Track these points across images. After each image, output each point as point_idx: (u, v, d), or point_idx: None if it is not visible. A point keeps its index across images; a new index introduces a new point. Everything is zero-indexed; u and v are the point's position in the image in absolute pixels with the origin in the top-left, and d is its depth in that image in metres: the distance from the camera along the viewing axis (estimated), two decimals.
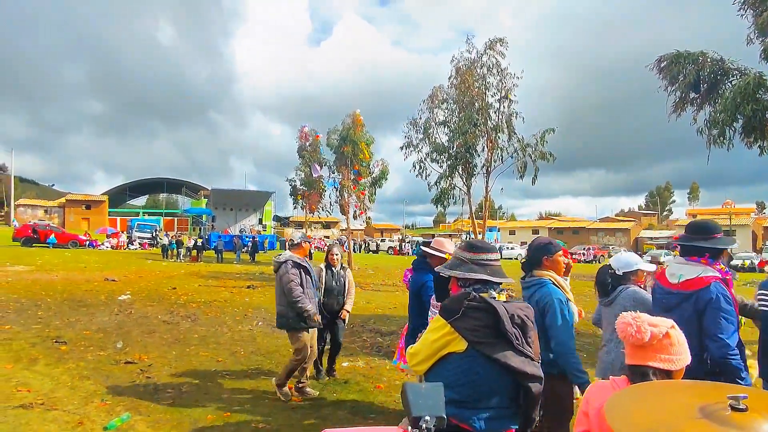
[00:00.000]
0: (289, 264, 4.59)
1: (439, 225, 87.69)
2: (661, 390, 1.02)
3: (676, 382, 1.17)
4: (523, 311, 1.87)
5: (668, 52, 8.83)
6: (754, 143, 8.44)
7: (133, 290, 11.73)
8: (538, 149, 14.03)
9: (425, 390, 1.24)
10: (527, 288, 2.87)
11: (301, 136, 25.20)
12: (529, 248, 2.99)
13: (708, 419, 0.86)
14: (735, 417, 0.85)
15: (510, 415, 1.85)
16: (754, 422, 0.83)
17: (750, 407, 0.86)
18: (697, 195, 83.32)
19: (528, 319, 1.86)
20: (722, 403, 0.88)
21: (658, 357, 1.43)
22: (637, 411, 0.94)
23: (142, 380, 4.99)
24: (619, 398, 1.02)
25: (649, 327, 1.42)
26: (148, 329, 7.49)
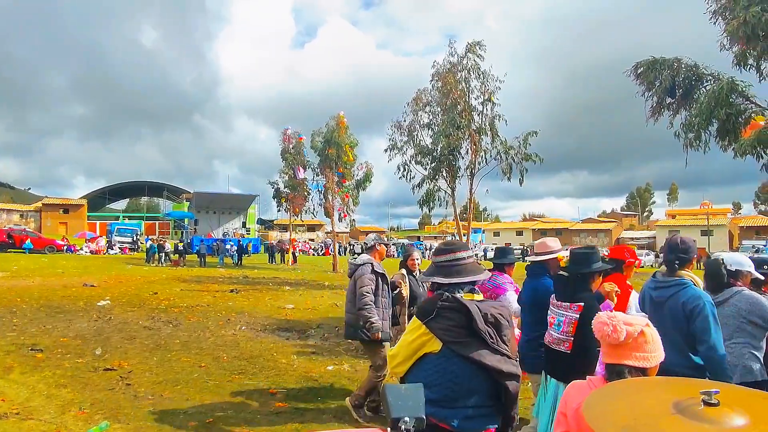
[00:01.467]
0: (367, 267, 4.18)
1: (425, 227, 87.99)
2: (636, 387, 1.04)
3: (651, 379, 1.20)
4: (497, 310, 1.88)
5: (645, 59, 9.04)
6: (729, 146, 8.68)
7: (112, 296, 11.48)
8: (521, 151, 14.22)
9: (405, 391, 1.24)
10: (663, 288, 2.77)
11: (285, 139, 25.07)
12: (670, 248, 2.83)
13: (682, 414, 0.88)
14: (707, 412, 0.87)
15: (489, 414, 1.85)
16: (725, 416, 0.85)
17: (722, 402, 0.88)
18: (676, 196, 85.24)
19: (503, 318, 1.87)
20: (695, 399, 0.90)
21: (633, 355, 1.46)
22: (614, 409, 0.96)
23: (121, 387, 4.89)
24: (596, 397, 1.03)
25: (625, 326, 1.45)
26: (128, 335, 7.33)
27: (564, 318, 2.82)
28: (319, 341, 7.43)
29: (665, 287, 2.74)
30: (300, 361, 6.17)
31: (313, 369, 5.78)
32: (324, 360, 6.23)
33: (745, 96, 8.32)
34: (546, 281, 3.37)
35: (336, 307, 10.92)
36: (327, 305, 11.26)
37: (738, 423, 0.84)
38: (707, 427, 0.83)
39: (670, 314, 2.67)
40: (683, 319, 2.56)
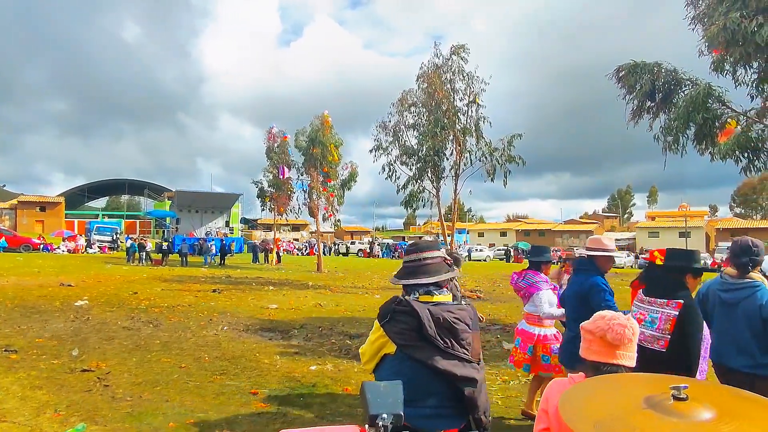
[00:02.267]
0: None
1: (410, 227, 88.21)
2: (610, 384, 1.07)
3: (625, 376, 1.23)
4: (453, 314, 1.85)
5: (626, 62, 9.20)
6: (705, 150, 8.89)
7: (91, 295, 11.25)
8: (505, 153, 14.37)
9: (384, 388, 1.25)
10: (736, 290, 2.80)
11: (269, 137, 24.86)
12: (742, 250, 2.85)
13: (653, 409, 0.90)
14: (677, 406, 0.89)
15: (449, 415, 1.83)
16: (693, 410, 0.88)
17: (690, 396, 0.90)
18: (655, 198, 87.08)
19: (459, 322, 1.84)
20: (665, 394, 0.92)
21: (627, 356, 1.50)
22: (588, 404, 0.98)
23: (99, 389, 4.79)
24: (571, 393, 1.05)
25: (634, 327, 1.49)
26: (106, 336, 7.19)
27: (660, 315, 2.78)
28: (303, 341, 7.39)
29: (738, 289, 2.79)
30: (283, 361, 6.13)
31: (296, 369, 5.75)
32: (307, 360, 6.20)
33: (721, 101, 8.52)
34: (595, 278, 3.29)
35: (320, 308, 10.88)
36: (311, 305, 11.21)
37: (705, 416, 0.87)
38: (676, 421, 0.86)
39: (745, 316, 2.74)
40: (759, 321, 2.64)
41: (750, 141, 8.24)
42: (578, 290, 3.36)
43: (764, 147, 8.30)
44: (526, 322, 4.36)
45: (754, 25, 7.05)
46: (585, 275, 3.37)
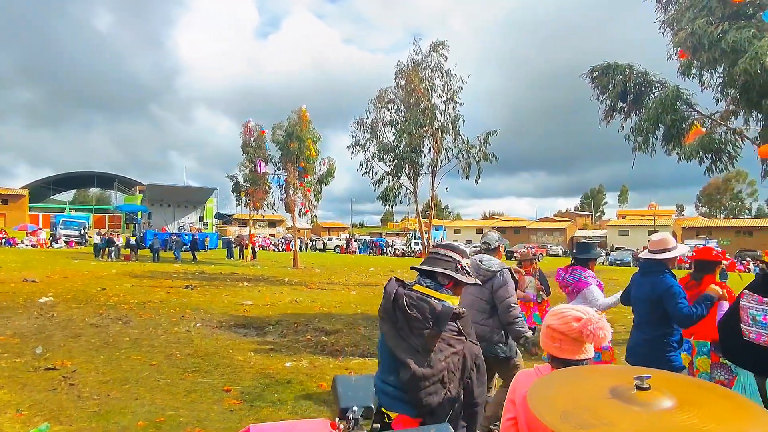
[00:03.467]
0: (507, 274, 3.70)
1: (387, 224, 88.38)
2: (576, 375, 1.09)
3: (591, 367, 1.26)
4: (414, 302, 1.90)
5: (600, 63, 9.41)
6: (673, 150, 9.19)
7: (56, 292, 10.87)
8: (481, 150, 14.54)
9: (355, 382, 1.25)
10: None
11: (246, 131, 24.51)
12: None
13: (617, 399, 0.93)
14: (640, 395, 0.92)
15: (405, 400, 1.84)
16: (655, 399, 0.91)
17: (653, 386, 0.93)
18: (626, 197, 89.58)
19: (415, 310, 1.88)
20: (629, 384, 0.95)
21: (590, 348, 1.53)
22: (556, 395, 1.00)
23: (64, 387, 4.63)
24: (539, 384, 1.07)
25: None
26: (72, 333, 6.96)
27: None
28: (278, 338, 7.32)
29: None
30: (257, 358, 6.06)
31: (270, 366, 5.70)
32: (282, 357, 6.15)
33: (688, 103, 8.82)
34: (669, 278, 3.19)
35: (296, 304, 10.80)
36: (286, 301, 11.11)
37: (666, 405, 0.90)
38: (638, 409, 0.88)
39: None
40: None
41: (713, 143, 8.56)
42: (650, 294, 3.24)
43: (726, 149, 8.64)
44: None
45: (719, 31, 7.31)
46: (656, 277, 3.24)
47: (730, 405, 0.92)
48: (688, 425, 0.85)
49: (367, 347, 6.80)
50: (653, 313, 3.20)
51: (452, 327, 1.92)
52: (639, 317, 3.37)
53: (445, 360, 1.87)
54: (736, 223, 55.16)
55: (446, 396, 1.85)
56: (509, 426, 1.59)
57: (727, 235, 48.92)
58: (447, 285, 2.01)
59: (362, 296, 12.59)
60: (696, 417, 0.87)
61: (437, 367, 1.85)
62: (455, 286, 2.04)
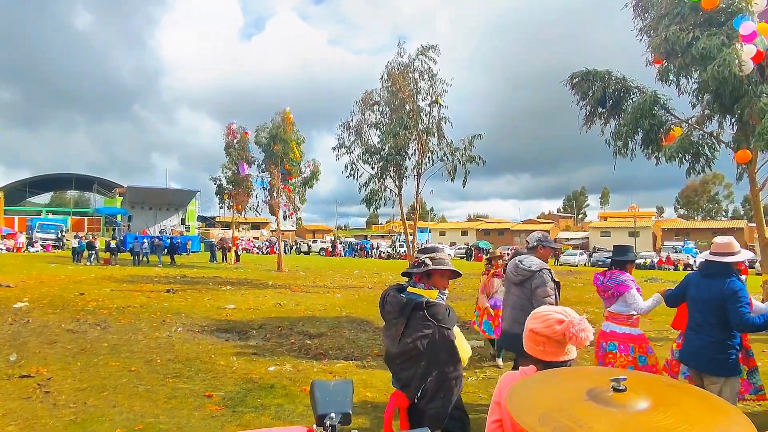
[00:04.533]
0: (547, 275, 3.66)
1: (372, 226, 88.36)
2: (555, 377, 1.10)
3: (569, 370, 1.27)
4: (390, 298, 2.45)
5: (580, 70, 9.57)
6: (652, 154, 9.39)
7: (32, 297, 10.58)
8: (466, 153, 14.64)
9: (333, 387, 1.23)
10: None
11: (229, 133, 24.26)
12: None
13: (593, 401, 0.94)
14: (616, 397, 0.93)
15: (400, 379, 2.41)
16: (631, 400, 0.92)
17: (629, 388, 0.94)
18: (607, 199, 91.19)
19: (388, 305, 2.44)
20: (606, 386, 0.96)
21: (573, 350, 1.54)
22: (534, 397, 1.00)
23: (39, 395, 4.50)
24: (518, 387, 1.08)
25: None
26: (48, 339, 6.78)
27: None
28: (261, 342, 7.24)
29: None
30: (239, 362, 5.99)
31: (253, 370, 5.63)
32: (265, 361, 6.08)
33: (666, 108, 9.03)
34: (737, 282, 3.16)
35: (280, 307, 10.71)
36: (270, 305, 11.00)
37: (641, 406, 0.91)
38: (614, 411, 0.89)
39: None
40: None
41: (692, 144, 8.78)
42: (713, 297, 3.20)
43: (704, 151, 8.87)
44: (615, 323, 4.11)
45: (690, 38, 7.51)
46: (723, 280, 3.18)
47: (704, 405, 0.93)
48: (663, 426, 0.86)
49: (352, 350, 6.77)
50: (720, 316, 3.16)
51: (420, 315, 2.32)
52: (701, 319, 3.30)
53: (412, 341, 2.30)
54: (713, 224, 56.62)
55: (417, 371, 2.30)
56: (495, 428, 1.59)
57: (705, 236, 50.14)
58: (416, 279, 2.50)
59: (347, 299, 12.54)
60: (671, 417, 0.88)
61: (404, 348, 2.32)
62: (424, 278, 2.49)
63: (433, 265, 2.46)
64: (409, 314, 2.33)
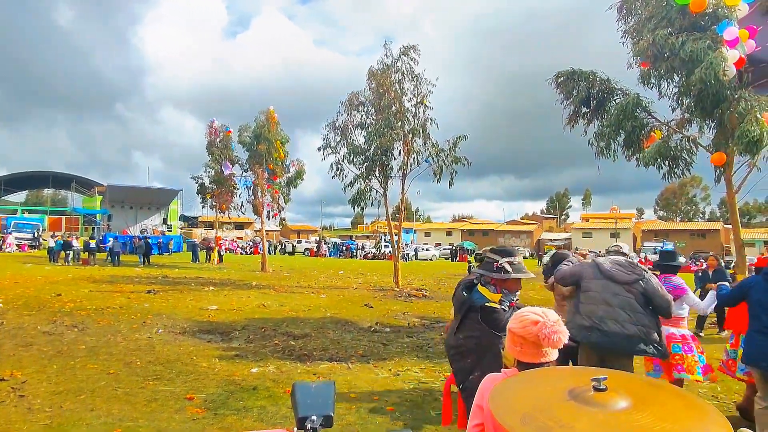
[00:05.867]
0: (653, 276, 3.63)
1: (357, 227, 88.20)
2: (536, 378, 1.10)
3: (550, 370, 1.27)
4: (456, 300, 2.82)
5: (565, 69, 9.69)
6: (632, 156, 9.56)
7: (6, 298, 10.28)
8: (451, 154, 14.70)
9: (315, 389, 1.21)
10: None
11: (211, 132, 23.91)
12: None
13: (575, 400, 0.94)
14: (597, 397, 0.93)
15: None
16: (611, 400, 0.92)
17: (609, 387, 0.95)
18: (589, 201, 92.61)
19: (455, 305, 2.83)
20: (587, 385, 0.96)
21: (553, 352, 1.54)
22: (516, 398, 1.00)
23: (13, 399, 4.37)
24: (500, 388, 1.07)
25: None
26: (23, 342, 6.59)
27: None
28: (244, 343, 7.16)
29: None
30: (222, 364, 5.90)
31: (235, 372, 5.56)
32: (248, 362, 6.01)
33: (647, 111, 9.21)
34: None
35: (263, 308, 10.61)
36: (253, 306, 10.89)
37: (621, 405, 0.91)
38: (595, 410, 0.89)
39: None
40: None
41: (669, 150, 8.96)
42: None
43: (682, 156, 9.05)
44: (671, 325, 4.13)
45: (680, 41, 7.66)
46: None
47: (683, 403, 0.94)
48: (643, 424, 0.87)
49: (336, 351, 6.74)
50: None
51: (473, 316, 2.48)
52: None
53: (463, 338, 2.58)
54: (691, 225, 58.06)
55: (464, 366, 2.54)
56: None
57: (683, 238, 51.33)
58: (491, 282, 2.62)
59: (331, 300, 12.49)
60: (651, 416, 0.89)
61: (456, 342, 2.63)
62: (500, 281, 2.59)
63: (513, 273, 2.58)
64: (464, 313, 2.54)
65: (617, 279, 3.61)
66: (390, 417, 4.30)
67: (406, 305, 11.86)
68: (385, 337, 7.86)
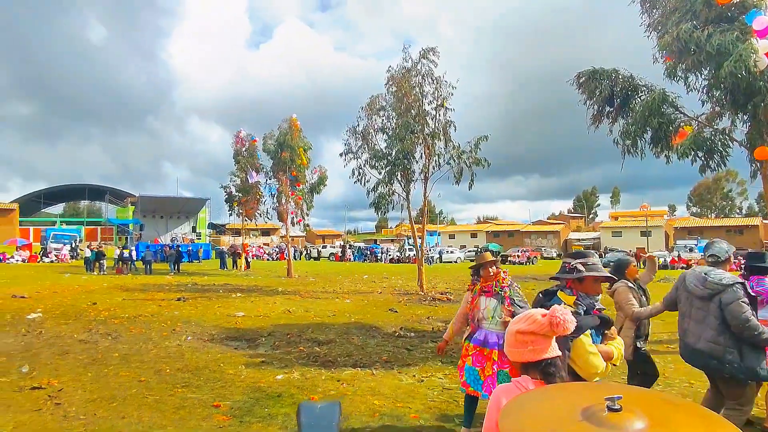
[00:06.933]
0: (740, 290, 3.35)
1: (382, 230, 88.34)
2: (549, 396, 1.07)
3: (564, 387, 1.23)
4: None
5: (586, 69, 9.47)
6: (661, 153, 9.25)
7: (45, 307, 10.72)
8: (472, 156, 14.57)
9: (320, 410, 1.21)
10: None
11: (237, 141, 24.47)
12: None
13: (588, 421, 0.90)
14: (611, 417, 0.90)
15: None
16: (626, 421, 0.89)
17: (624, 407, 0.91)
18: (618, 199, 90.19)
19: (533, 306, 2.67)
20: (601, 405, 0.93)
21: (555, 347, 1.58)
22: (527, 418, 0.97)
23: (49, 407, 4.54)
24: (512, 405, 1.05)
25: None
26: (60, 350, 6.85)
27: None
28: (270, 350, 7.25)
29: None
30: (248, 371, 5.99)
31: (261, 379, 5.63)
32: (273, 369, 6.08)
33: (674, 106, 8.89)
34: None
35: (289, 314, 10.72)
36: (279, 312, 11.03)
37: (637, 426, 0.87)
38: None
39: None
40: None
41: (705, 141, 8.62)
42: None
43: (716, 148, 8.70)
44: None
45: (705, 35, 7.38)
46: None
47: (701, 423, 0.89)
48: None
49: (360, 357, 6.74)
50: None
51: None
52: None
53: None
54: (727, 222, 55.66)
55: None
56: None
57: (719, 235, 49.27)
58: (567, 284, 2.51)
59: (356, 305, 12.52)
60: None
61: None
62: (576, 283, 2.49)
63: (586, 272, 2.48)
64: None
65: (694, 293, 3.46)
66: (413, 425, 4.26)
67: (431, 309, 11.79)
68: (410, 342, 7.82)
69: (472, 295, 3.95)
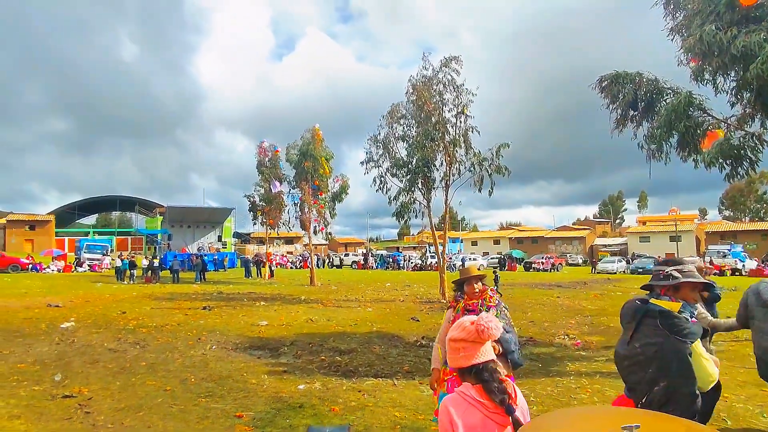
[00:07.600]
0: None
1: (404, 237, 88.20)
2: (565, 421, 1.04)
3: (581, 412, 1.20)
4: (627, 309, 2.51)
5: (608, 72, 9.30)
6: (688, 157, 8.98)
7: (78, 316, 11.08)
8: (494, 163, 14.45)
9: None
10: None
11: (260, 152, 24.91)
12: None
13: None
14: None
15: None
16: None
17: None
18: (645, 203, 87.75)
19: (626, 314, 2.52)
20: None
21: (488, 351, 1.62)
22: None
23: (79, 416, 4.68)
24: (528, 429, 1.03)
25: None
26: (91, 359, 7.06)
27: None
28: (292, 359, 7.30)
29: None
30: (270, 380, 6.04)
31: (283, 389, 5.67)
32: (295, 379, 6.12)
33: (702, 109, 8.62)
34: None
35: (311, 323, 10.78)
36: (302, 321, 11.10)
37: None
38: None
39: None
40: None
41: (732, 149, 8.33)
42: None
43: (746, 154, 8.39)
44: None
45: (729, 36, 7.17)
46: None
47: None
48: None
49: (382, 367, 6.72)
50: None
51: (651, 322, 2.31)
52: None
53: (640, 347, 2.32)
54: (763, 225, 53.36)
55: (645, 376, 2.28)
56: None
57: (754, 239, 47.37)
58: (661, 292, 2.46)
59: (378, 313, 12.50)
60: None
61: (632, 351, 2.35)
62: (671, 291, 2.44)
63: (683, 278, 2.42)
64: (639, 320, 2.36)
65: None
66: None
67: None
68: (431, 353, 7.74)
69: (454, 313, 3.57)
